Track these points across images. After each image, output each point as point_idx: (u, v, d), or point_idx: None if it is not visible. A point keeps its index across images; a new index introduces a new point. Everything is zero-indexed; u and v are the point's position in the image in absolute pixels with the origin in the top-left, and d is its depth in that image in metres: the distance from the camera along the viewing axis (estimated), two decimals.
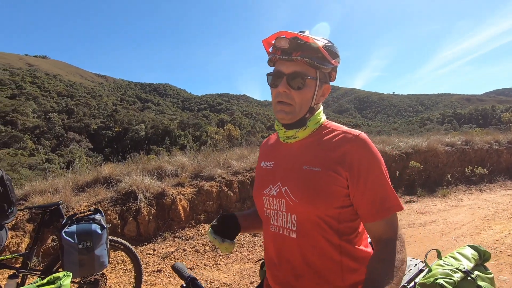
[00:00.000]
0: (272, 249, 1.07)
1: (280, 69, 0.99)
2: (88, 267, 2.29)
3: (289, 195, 0.98)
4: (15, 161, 30.39)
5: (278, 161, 1.08)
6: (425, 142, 7.59)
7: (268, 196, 1.04)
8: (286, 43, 0.95)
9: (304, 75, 0.96)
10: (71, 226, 2.30)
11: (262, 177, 1.12)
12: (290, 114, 1.00)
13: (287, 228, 0.99)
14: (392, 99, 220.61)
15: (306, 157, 1.00)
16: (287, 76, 0.97)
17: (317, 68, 0.98)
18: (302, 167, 0.99)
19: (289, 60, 0.96)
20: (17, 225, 3.82)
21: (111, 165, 5.43)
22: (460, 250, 1.58)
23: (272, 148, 1.17)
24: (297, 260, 0.99)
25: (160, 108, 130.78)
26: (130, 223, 4.28)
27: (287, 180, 1.00)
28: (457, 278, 1.35)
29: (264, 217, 1.08)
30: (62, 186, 4.46)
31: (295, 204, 0.96)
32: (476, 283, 1.38)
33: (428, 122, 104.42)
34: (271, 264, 1.09)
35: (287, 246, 1.00)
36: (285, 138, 1.07)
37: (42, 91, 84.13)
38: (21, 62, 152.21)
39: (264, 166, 1.13)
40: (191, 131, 56.49)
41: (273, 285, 1.08)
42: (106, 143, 56.19)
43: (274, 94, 1.02)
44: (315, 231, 0.95)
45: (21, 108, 59.38)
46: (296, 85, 0.97)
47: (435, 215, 5.08)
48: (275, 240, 1.04)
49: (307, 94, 0.99)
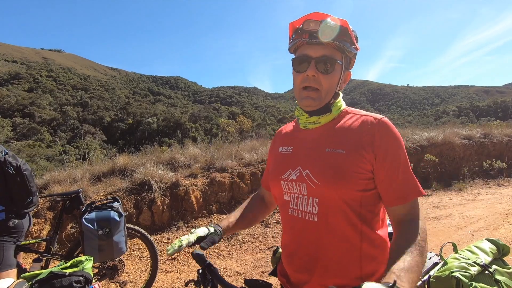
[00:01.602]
0: (290, 234, 1.07)
1: (307, 53, 0.97)
2: (107, 253, 2.37)
3: (311, 178, 0.97)
4: (34, 152, 31.47)
5: (298, 146, 1.07)
6: (441, 135, 7.40)
7: (287, 180, 1.04)
8: (316, 25, 0.93)
9: (333, 59, 0.95)
10: (90, 213, 2.38)
11: (279, 162, 1.11)
12: (317, 100, 0.99)
13: (308, 212, 0.98)
14: (406, 91, 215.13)
15: (329, 140, 1.00)
16: (316, 60, 0.95)
17: (343, 52, 0.97)
18: (324, 150, 0.98)
19: (318, 43, 0.94)
20: (38, 213, 3.98)
21: (126, 156, 5.55)
22: (477, 244, 1.54)
23: (291, 134, 1.16)
24: (316, 245, 0.98)
25: (171, 101, 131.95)
26: (145, 213, 4.39)
27: (308, 164, 1.00)
28: (474, 272, 1.32)
29: (283, 201, 1.07)
30: (80, 176, 4.61)
31: (317, 186, 0.95)
32: (494, 277, 1.35)
33: (443, 115, 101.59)
34: (287, 249, 1.08)
35: (307, 230, 1.00)
36: (306, 124, 1.06)
37: (57, 84, 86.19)
38: (37, 56, 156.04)
39: (282, 152, 1.12)
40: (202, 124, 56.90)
41: (289, 271, 1.08)
42: (120, 136, 57.31)
43: (300, 79, 0.99)
44: (337, 215, 0.94)
45: (38, 101, 61.13)
46: (325, 69, 0.96)
47: (450, 209, 4.98)
48: (294, 224, 1.03)
49: (334, 79, 0.99)
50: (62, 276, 1.42)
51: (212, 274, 1.04)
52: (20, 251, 2.31)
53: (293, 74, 1.04)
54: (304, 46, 0.98)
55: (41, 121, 54.08)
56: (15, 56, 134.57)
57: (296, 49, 1.02)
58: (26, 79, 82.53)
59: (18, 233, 2.17)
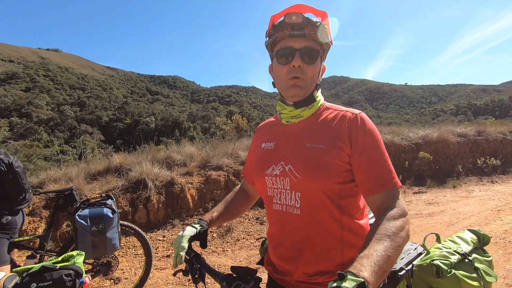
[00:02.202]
0: (275, 227, 1.11)
1: (290, 45, 0.99)
2: (101, 249, 2.40)
3: (293, 173, 1.00)
4: (31, 152, 31.34)
5: (280, 141, 1.10)
6: (436, 132, 7.46)
7: (270, 175, 1.06)
8: (299, 18, 0.96)
9: (315, 49, 0.99)
10: (84, 210, 2.41)
11: (262, 158, 1.13)
12: (304, 89, 1.02)
13: (291, 206, 1.02)
14: (404, 90, 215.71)
15: (309, 135, 1.03)
16: (300, 51, 0.98)
17: (321, 45, 1.01)
18: (305, 145, 1.01)
19: (301, 35, 0.97)
20: (34, 211, 4.00)
21: (122, 155, 5.57)
22: (460, 234, 1.60)
23: (273, 130, 1.18)
24: (300, 236, 1.02)
25: (169, 100, 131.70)
26: (141, 210, 4.41)
27: (291, 159, 1.03)
28: (454, 260, 1.38)
29: (267, 196, 1.11)
30: (75, 174, 4.62)
31: (299, 181, 0.99)
32: (474, 265, 1.40)
33: (441, 113, 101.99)
34: (273, 241, 1.12)
35: (291, 223, 1.03)
36: (288, 118, 1.08)
37: (55, 84, 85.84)
38: (35, 56, 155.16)
39: (265, 147, 1.14)
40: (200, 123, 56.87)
41: (275, 261, 1.12)
42: (118, 135, 57.20)
43: (285, 71, 1.01)
44: (318, 207, 0.98)
45: (36, 100, 60.85)
46: (309, 59, 0.99)
47: (443, 206, 5.03)
48: (279, 217, 1.07)
49: (317, 69, 1.02)
50: (53, 269, 1.45)
51: (199, 263, 1.08)
52: (14, 248, 2.34)
53: (274, 69, 1.06)
54: (286, 39, 1.00)
55: (38, 121, 53.86)
56: (12, 55, 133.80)
57: (276, 43, 1.04)
58: (23, 79, 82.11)
59: (11, 230, 2.19)
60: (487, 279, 1.39)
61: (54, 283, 1.39)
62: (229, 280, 0.94)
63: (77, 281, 1.46)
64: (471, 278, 1.35)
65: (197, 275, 1.07)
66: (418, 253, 1.61)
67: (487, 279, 1.39)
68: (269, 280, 1.19)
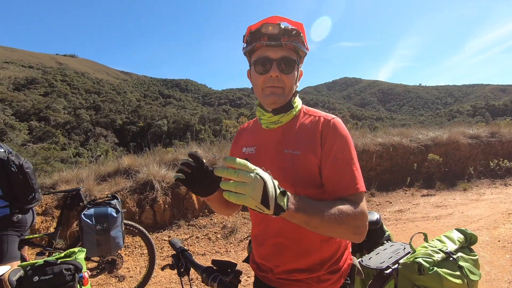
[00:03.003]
0: (259, 228, 1.16)
1: (268, 54, 1.01)
2: (105, 247, 2.50)
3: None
4: (49, 155, 32.32)
5: (261, 146, 1.14)
6: (446, 134, 7.30)
7: None
8: (275, 29, 0.98)
9: (292, 59, 1.02)
10: (89, 209, 2.52)
11: None
12: (282, 97, 1.04)
13: None
14: (418, 91, 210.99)
15: (287, 141, 1.07)
16: (277, 61, 1.00)
17: (297, 52, 1.04)
18: (283, 151, 1.05)
19: (277, 45, 0.99)
20: (47, 211, 4.18)
21: (130, 157, 5.73)
22: (447, 234, 1.61)
23: (253, 134, 1.21)
24: (280, 237, 1.07)
25: (181, 103, 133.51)
26: (147, 211, 4.53)
27: (270, 164, 1.06)
28: (438, 258, 1.40)
29: None
30: (86, 176, 4.80)
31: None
32: (458, 263, 1.41)
33: (457, 114, 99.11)
34: (256, 241, 1.18)
35: (271, 224, 1.09)
36: (268, 124, 1.11)
37: (71, 88, 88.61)
38: (53, 61, 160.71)
39: (246, 152, 1.17)
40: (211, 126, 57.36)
41: (258, 260, 1.18)
42: (131, 138, 58.40)
43: (262, 81, 1.04)
44: None
45: (53, 105, 63.01)
46: (286, 69, 1.02)
47: (452, 209, 4.93)
48: (261, 220, 1.13)
49: (294, 77, 1.05)
50: (54, 264, 1.55)
51: (185, 258, 1.15)
52: (24, 245, 2.47)
53: (252, 75, 1.09)
54: (263, 48, 1.02)
55: (56, 124, 55.67)
56: (31, 61, 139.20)
57: (253, 51, 1.06)
58: (42, 84, 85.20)
59: (22, 228, 2.32)
60: (471, 277, 1.40)
61: (54, 276, 1.48)
62: (209, 272, 1.00)
63: (77, 276, 1.55)
64: (454, 276, 1.37)
65: (182, 269, 1.13)
66: (407, 253, 1.64)
67: (471, 277, 1.40)
68: (255, 277, 1.24)
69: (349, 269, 1.15)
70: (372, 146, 6.68)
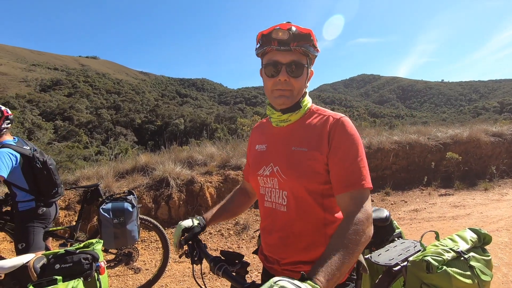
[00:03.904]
0: (266, 222, 1.22)
1: (277, 59, 1.05)
2: (122, 240, 2.63)
3: (280, 173, 1.10)
4: (73, 153, 33.80)
5: (271, 144, 1.19)
6: (467, 131, 7.04)
7: (262, 176, 1.17)
8: (284, 34, 1.02)
9: (301, 63, 1.06)
10: (107, 204, 2.66)
11: (256, 159, 1.24)
12: (290, 98, 1.09)
13: (279, 203, 1.13)
14: (440, 87, 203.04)
15: (295, 139, 1.12)
16: (286, 65, 1.05)
17: (307, 55, 1.08)
18: (291, 148, 1.10)
19: (286, 50, 1.04)
20: (69, 205, 4.42)
21: (147, 155, 5.94)
22: (460, 233, 1.59)
23: (265, 132, 1.27)
24: (286, 231, 1.12)
25: (198, 102, 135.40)
26: (163, 207, 4.69)
27: (278, 161, 1.12)
28: (448, 257, 1.38)
29: (260, 194, 1.22)
30: (105, 173, 5.02)
31: (285, 181, 1.09)
32: (469, 263, 1.39)
33: (483, 111, 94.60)
34: (264, 234, 1.23)
35: (278, 219, 1.14)
36: (277, 122, 1.17)
37: (93, 89, 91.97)
38: (76, 63, 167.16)
39: (258, 149, 1.24)
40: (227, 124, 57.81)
41: (266, 252, 1.24)
42: (149, 136, 59.90)
43: (271, 84, 1.09)
44: (303, 205, 1.08)
45: (77, 105, 65.70)
46: (295, 73, 1.06)
47: (470, 209, 4.77)
48: (269, 214, 1.18)
49: (303, 80, 1.10)
50: (73, 253, 1.67)
51: (199, 247, 1.24)
52: (48, 236, 2.65)
53: (263, 77, 1.14)
54: (273, 52, 1.07)
55: (79, 123, 58.02)
56: (56, 64, 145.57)
57: (264, 54, 1.12)
58: (66, 85, 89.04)
59: (46, 220, 2.49)
60: (482, 278, 1.38)
61: (74, 265, 1.60)
62: (216, 262, 1.07)
63: (94, 265, 1.67)
64: (464, 275, 1.35)
65: (196, 258, 1.22)
66: (417, 250, 1.63)
67: (482, 278, 1.38)
68: (263, 268, 1.30)
69: (354, 264, 1.18)
70: (387, 144, 6.55)
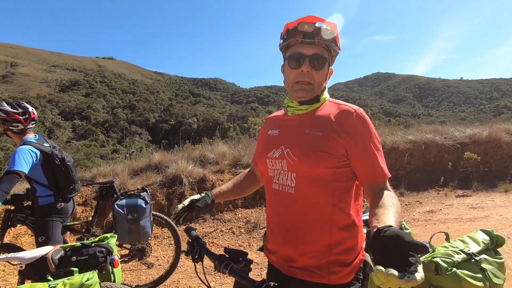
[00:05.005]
0: (271, 207, 1.22)
1: (301, 51, 1.09)
2: (135, 235, 2.70)
3: (290, 155, 1.12)
4: (90, 151, 34.88)
5: (283, 129, 1.22)
6: (486, 131, 6.80)
7: (271, 158, 1.19)
8: (310, 27, 1.06)
9: (323, 57, 1.10)
10: (122, 200, 2.74)
11: (267, 143, 1.26)
12: (310, 92, 1.12)
13: (287, 185, 1.13)
14: (459, 85, 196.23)
15: (309, 124, 1.14)
16: (309, 57, 1.08)
17: (329, 51, 1.11)
18: (304, 132, 1.12)
19: (311, 43, 1.07)
20: (86, 202, 4.57)
21: (161, 153, 6.05)
22: (471, 234, 1.54)
23: (279, 120, 1.30)
24: (292, 214, 1.12)
25: (210, 102, 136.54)
26: (175, 205, 4.77)
27: (290, 143, 1.14)
28: (458, 259, 1.35)
29: (268, 176, 1.22)
30: (121, 170, 5.16)
31: (295, 163, 1.10)
32: (480, 266, 1.35)
33: (505, 110, 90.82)
34: (270, 224, 1.23)
35: (285, 201, 1.14)
36: (294, 110, 1.19)
37: (109, 89, 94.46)
38: (93, 64, 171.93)
39: (270, 134, 1.27)
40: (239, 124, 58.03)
41: (271, 242, 1.24)
42: (163, 135, 60.94)
43: (294, 75, 1.12)
44: (311, 187, 1.09)
45: (94, 104, 67.68)
46: (317, 65, 1.09)
47: (489, 211, 4.61)
48: (275, 196, 1.18)
49: (324, 74, 1.13)
50: (89, 246, 1.73)
51: (199, 245, 1.25)
52: (66, 230, 2.75)
53: (285, 70, 1.18)
54: (297, 45, 1.10)
55: (96, 123, 59.77)
56: (75, 65, 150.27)
57: (288, 47, 1.15)
58: (84, 85, 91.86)
59: (64, 215, 2.59)
60: (494, 281, 1.34)
61: (89, 257, 1.67)
62: (221, 260, 1.08)
63: (108, 258, 1.73)
64: (475, 278, 1.32)
65: (196, 256, 1.23)
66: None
67: (494, 281, 1.34)
68: (268, 264, 1.31)
69: (361, 264, 1.16)
70: (402, 143, 6.41)
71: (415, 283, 0.63)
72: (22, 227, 4.11)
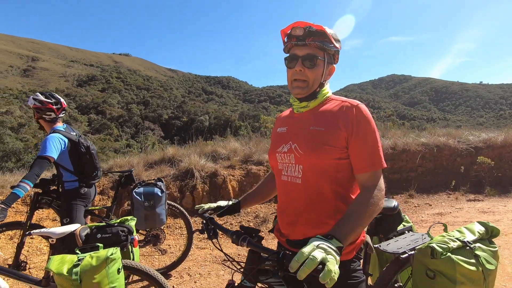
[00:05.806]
0: (282, 195, 1.36)
1: (295, 52, 1.22)
2: (151, 221, 2.87)
3: (297, 149, 1.24)
4: (104, 145, 35.82)
5: (291, 126, 1.35)
6: (502, 136, 6.68)
7: (280, 152, 1.32)
8: (300, 31, 1.20)
9: (315, 56, 1.21)
10: (139, 188, 2.91)
11: (277, 139, 1.39)
12: (305, 89, 1.24)
13: (294, 176, 1.26)
14: (478, 90, 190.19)
15: (314, 120, 1.26)
16: (302, 58, 1.21)
17: (324, 50, 1.22)
18: (309, 128, 1.25)
19: (303, 44, 1.20)
20: (104, 191, 4.80)
21: (174, 147, 6.25)
22: (468, 226, 1.64)
23: (287, 118, 1.44)
24: (300, 202, 1.26)
25: (223, 100, 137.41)
26: (187, 197, 4.94)
27: (297, 139, 1.27)
28: (453, 246, 1.45)
29: (278, 170, 1.36)
30: (136, 162, 5.38)
31: (301, 156, 1.23)
32: (474, 252, 1.45)
33: None
34: (280, 208, 1.37)
35: (293, 191, 1.27)
36: (298, 108, 1.33)
37: (125, 85, 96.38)
38: (110, 60, 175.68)
39: (279, 131, 1.41)
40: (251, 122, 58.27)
41: (281, 225, 1.37)
42: (175, 132, 61.81)
43: (290, 74, 1.26)
44: (316, 177, 1.21)
45: (109, 99, 69.27)
46: (309, 64, 1.22)
47: (500, 215, 4.57)
48: (285, 187, 1.32)
49: (318, 72, 1.24)
50: (113, 226, 1.89)
51: (213, 224, 1.39)
52: (88, 214, 2.94)
53: (286, 70, 1.31)
54: (293, 47, 1.25)
55: (110, 117, 61.15)
56: (92, 60, 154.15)
57: (288, 50, 1.29)
58: (100, 81, 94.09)
59: (87, 199, 2.78)
60: (487, 266, 1.44)
61: (112, 235, 1.83)
62: (238, 235, 1.22)
63: (129, 237, 1.88)
64: (468, 263, 1.41)
65: (211, 233, 1.37)
66: (425, 241, 1.69)
67: (487, 266, 1.44)
68: (278, 243, 1.45)
69: (362, 244, 1.29)
70: (414, 146, 6.39)
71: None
72: (44, 212, 4.37)
